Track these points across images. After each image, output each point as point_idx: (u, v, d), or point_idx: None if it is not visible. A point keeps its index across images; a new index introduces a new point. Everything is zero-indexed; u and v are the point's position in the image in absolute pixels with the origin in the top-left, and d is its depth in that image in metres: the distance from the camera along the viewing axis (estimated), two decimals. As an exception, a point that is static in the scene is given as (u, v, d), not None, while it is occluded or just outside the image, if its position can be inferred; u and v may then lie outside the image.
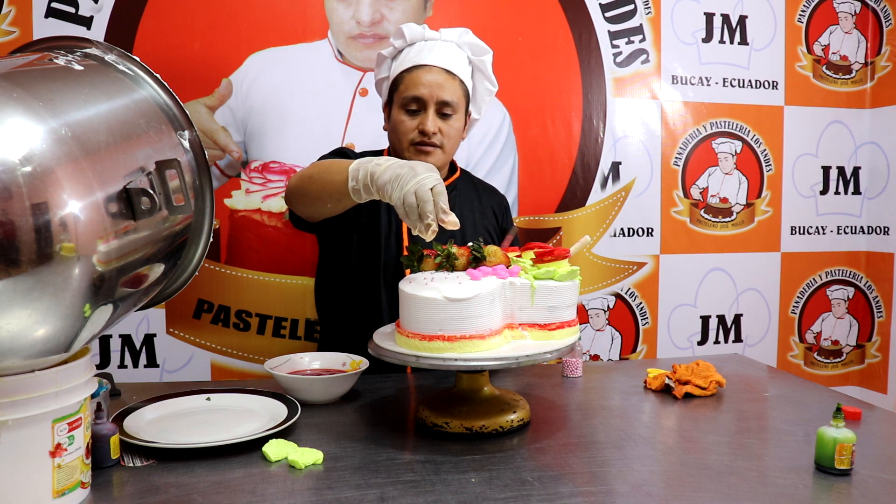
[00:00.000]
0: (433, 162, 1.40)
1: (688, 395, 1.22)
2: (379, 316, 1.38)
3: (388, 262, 1.40)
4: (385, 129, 1.49)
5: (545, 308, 1.02)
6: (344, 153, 1.45)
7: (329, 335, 1.49)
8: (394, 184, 1.02)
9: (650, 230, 2.13)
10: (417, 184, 1.00)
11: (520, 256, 1.09)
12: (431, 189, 1.00)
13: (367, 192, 1.08)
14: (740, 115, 2.17)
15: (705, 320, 2.20)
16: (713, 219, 2.18)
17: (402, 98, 1.39)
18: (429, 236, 1.01)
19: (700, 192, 2.17)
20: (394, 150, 1.46)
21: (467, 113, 1.47)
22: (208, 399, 1.14)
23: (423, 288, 0.97)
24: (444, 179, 1.47)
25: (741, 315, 2.23)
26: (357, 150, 1.92)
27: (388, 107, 1.46)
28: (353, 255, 1.41)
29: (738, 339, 2.23)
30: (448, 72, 1.39)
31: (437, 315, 0.95)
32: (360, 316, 1.40)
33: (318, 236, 1.50)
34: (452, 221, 1.00)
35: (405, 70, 1.39)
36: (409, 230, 1.42)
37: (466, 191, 1.53)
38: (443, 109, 1.39)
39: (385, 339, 1.05)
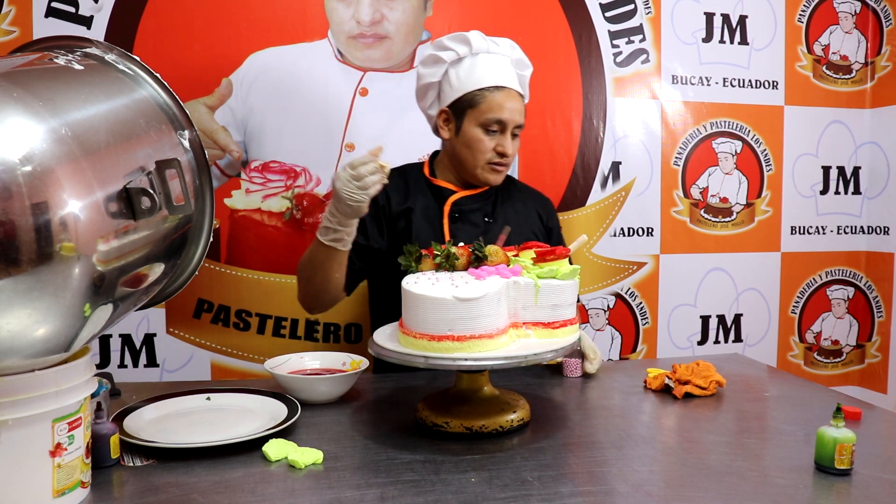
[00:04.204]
0: (500, 178, 1.47)
1: (688, 395, 1.22)
2: None
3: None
4: (443, 137, 1.49)
5: (549, 306, 1.02)
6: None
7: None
8: (336, 195, 1.20)
9: (650, 230, 2.13)
10: (340, 169, 1.19)
11: (517, 256, 1.09)
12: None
13: (335, 222, 1.22)
14: (740, 114, 2.17)
15: (705, 320, 2.20)
16: (713, 219, 2.18)
17: (484, 118, 1.41)
18: (384, 175, 1.20)
19: (700, 192, 2.17)
20: (460, 164, 1.47)
21: None
22: (208, 399, 1.15)
23: (430, 288, 0.97)
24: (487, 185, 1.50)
25: (741, 315, 2.23)
26: (357, 148, 1.92)
27: (453, 117, 1.46)
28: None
29: (738, 338, 2.23)
30: (520, 94, 1.45)
31: (446, 315, 0.95)
32: None
33: (371, 274, 1.53)
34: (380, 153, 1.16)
35: (485, 88, 1.41)
36: (450, 226, 1.44)
37: (510, 195, 1.55)
38: (515, 131, 1.45)
39: (388, 339, 1.05)
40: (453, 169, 1.51)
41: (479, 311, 0.95)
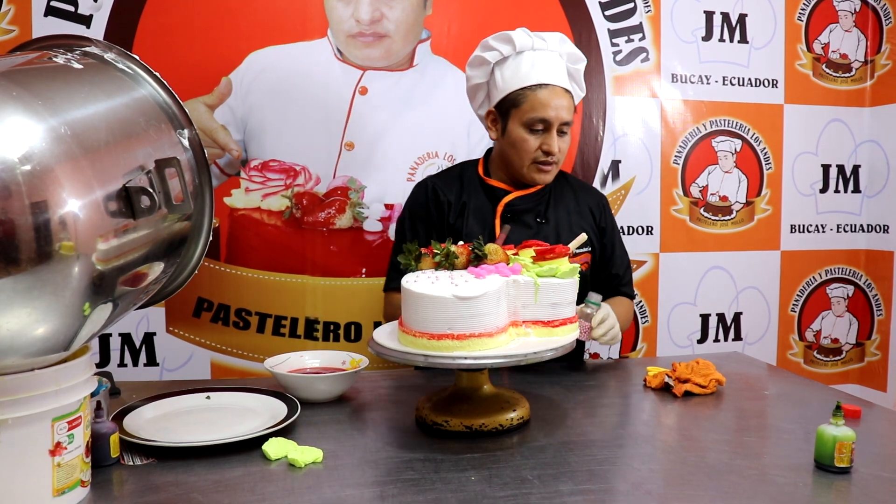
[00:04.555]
0: (549, 178, 1.46)
1: (687, 394, 1.22)
2: None
3: None
4: (493, 138, 1.50)
5: (548, 305, 1.03)
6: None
7: None
8: None
9: (650, 228, 2.13)
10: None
11: (517, 254, 1.09)
12: None
13: None
14: (740, 113, 2.17)
15: (705, 318, 2.20)
16: (713, 217, 2.18)
17: (527, 117, 1.40)
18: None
19: (700, 191, 2.17)
20: (508, 164, 1.47)
21: None
22: (208, 398, 1.15)
23: (430, 286, 0.97)
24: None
25: (741, 313, 2.23)
26: (357, 147, 1.92)
27: (499, 117, 1.46)
28: None
29: (737, 337, 2.23)
30: (564, 89, 1.42)
31: (446, 314, 0.95)
32: None
33: None
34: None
35: (527, 87, 1.40)
36: (502, 227, 1.43)
37: (562, 192, 1.54)
38: (562, 128, 1.42)
39: (387, 338, 1.05)
40: (504, 168, 1.50)
41: (478, 310, 0.95)
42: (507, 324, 1.01)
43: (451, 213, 1.48)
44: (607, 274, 1.54)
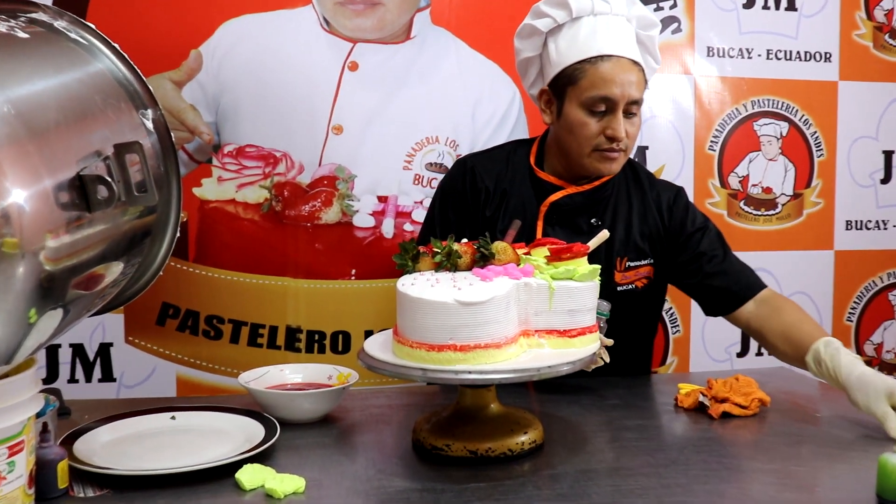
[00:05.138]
0: (616, 167, 1.39)
1: (726, 415, 1.21)
2: None
3: None
4: (547, 122, 1.45)
5: (564, 312, 1.02)
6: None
7: None
8: None
9: (683, 225, 2.12)
10: None
11: (528, 254, 1.08)
12: None
13: None
14: (787, 92, 2.17)
15: (746, 329, 2.20)
16: (755, 212, 2.18)
17: (587, 96, 1.34)
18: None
19: (739, 182, 2.16)
20: (566, 153, 1.41)
21: None
22: (173, 418, 1.14)
23: (429, 290, 0.97)
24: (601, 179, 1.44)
25: (787, 323, 2.22)
26: (346, 131, 1.92)
27: (553, 97, 1.41)
28: None
29: (783, 350, 2.23)
30: (633, 62, 1.35)
31: (447, 322, 0.95)
32: None
33: None
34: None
35: (586, 60, 1.34)
36: (545, 230, 1.40)
37: (627, 188, 1.47)
38: (630, 109, 1.36)
39: (380, 349, 1.05)
40: (561, 158, 1.44)
41: (484, 317, 0.95)
42: (518, 333, 1.01)
43: (489, 204, 1.45)
44: (711, 289, 1.43)
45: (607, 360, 1.25)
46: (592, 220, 1.43)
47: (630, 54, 1.36)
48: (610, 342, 1.24)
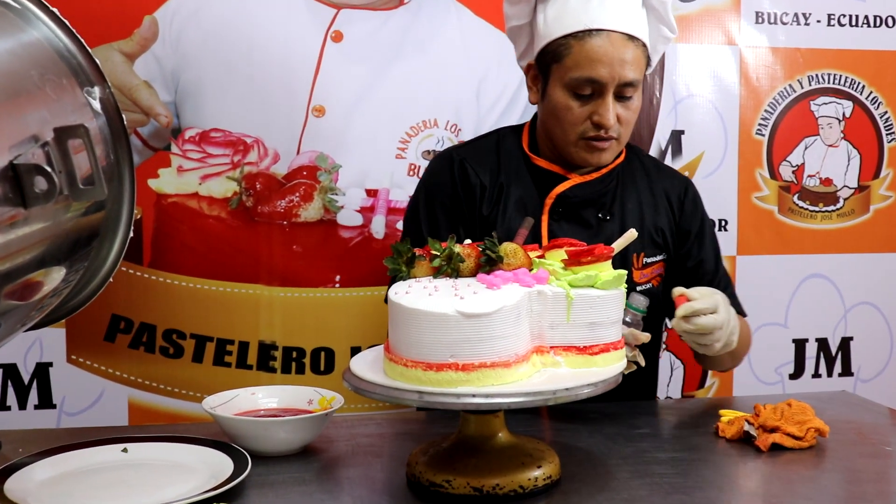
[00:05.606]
0: (607, 158, 1.42)
1: (776, 447, 1.21)
2: None
3: None
4: (532, 101, 1.49)
5: (585, 325, 1.02)
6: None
7: None
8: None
9: (723, 223, 2.13)
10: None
11: (543, 257, 1.09)
12: None
13: None
14: (851, 65, 2.17)
15: (800, 345, 2.20)
16: (811, 208, 2.18)
17: (570, 78, 1.36)
18: None
19: (793, 172, 2.17)
20: (551, 136, 1.45)
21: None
22: (125, 451, 1.14)
23: (426, 299, 0.97)
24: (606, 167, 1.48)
25: (850, 339, 2.22)
26: (328, 112, 1.93)
27: (539, 74, 1.45)
28: None
29: (846, 371, 2.23)
30: (629, 37, 1.36)
31: (448, 336, 0.95)
32: None
33: None
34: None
35: (570, 35, 1.36)
36: (551, 226, 1.43)
37: (632, 177, 1.51)
38: (623, 92, 1.38)
39: (369, 368, 1.05)
40: (550, 144, 1.48)
41: (491, 332, 0.95)
42: (530, 350, 1.01)
43: (485, 201, 1.47)
44: None
45: (643, 363, 1.26)
46: (600, 214, 1.47)
47: (626, 28, 1.37)
48: (647, 337, 1.24)
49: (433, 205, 1.49)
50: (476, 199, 1.47)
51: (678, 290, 1.25)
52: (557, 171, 1.47)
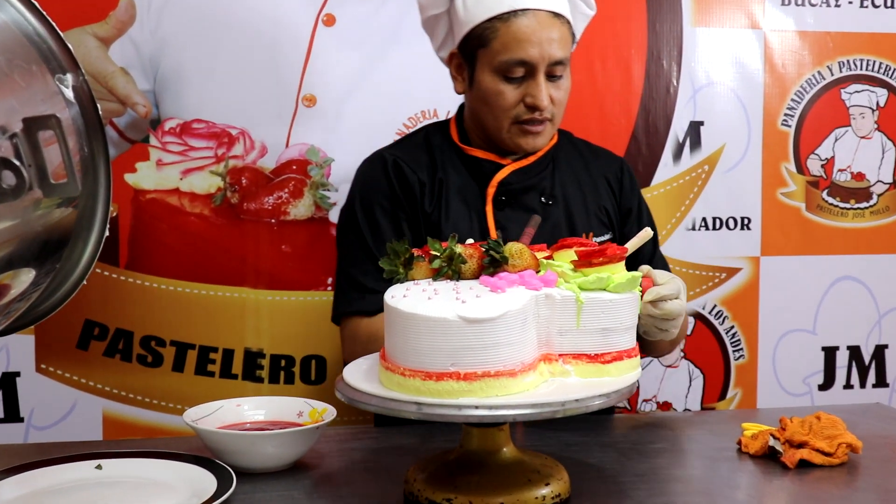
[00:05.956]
0: (542, 141, 1.49)
1: (804, 464, 1.21)
2: None
3: None
4: (459, 91, 1.54)
5: (596, 331, 1.02)
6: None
7: None
8: None
9: (746, 221, 2.13)
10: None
11: (551, 258, 1.09)
12: None
13: None
14: (885, 49, 2.17)
15: (830, 353, 2.20)
16: (842, 204, 2.18)
17: (500, 61, 1.42)
18: None
19: (822, 166, 2.17)
20: (482, 124, 1.51)
21: None
22: (99, 468, 1.14)
23: (425, 303, 0.97)
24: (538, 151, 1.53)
25: (885, 346, 2.22)
26: (320, 102, 1.93)
27: (463, 62, 1.50)
28: None
29: (880, 381, 2.23)
30: (554, 14, 1.43)
31: (449, 343, 0.95)
32: None
33: None
34: None
35: (495, 18, 1.41)
36: (496, 215, 1.46)
37: (568, 160, 1.57)
38: (554, 71, 1.44)
39: (364, 378, 1.05)
40: (481, 132, 1.53)
41: (495, 338, 0.95)
42: (537, 358, 1.01)
43: (425, 199, 1.50)
44: None
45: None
46: (542, 199, 1.52)
47: (550, 6, 1.42)
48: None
49: (372, 210, 1.52)
50: (417, 198, 1.50)
51: (644, 269, 1.27)
52: (492, 159, 1.52)
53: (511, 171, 1.51)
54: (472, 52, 1.46)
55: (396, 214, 1.50)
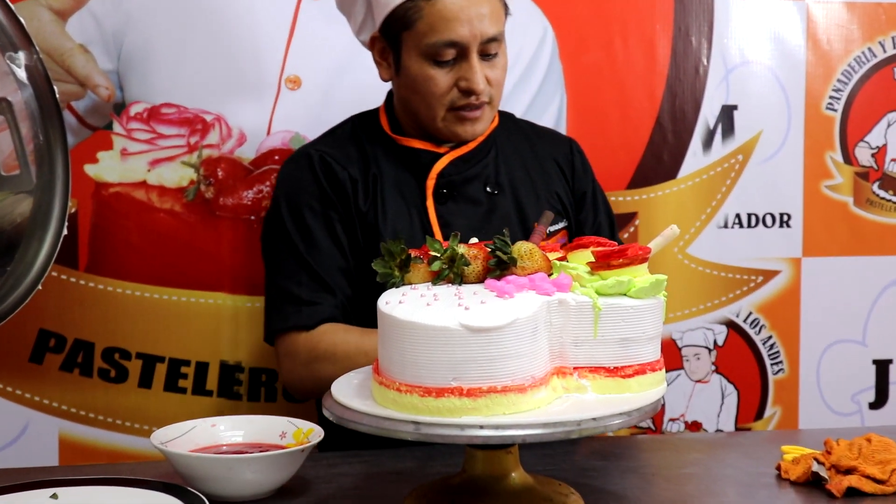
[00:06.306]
0: (482, 126, 1.51)
1: (853, 492, 1.21)
2: None
3: None
4: (385, 78, 1.57)
5: (616, 341, 1.03)
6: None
7: None
8: None
9: (785, 218, 2.13)
10: None
11: (565, 259, 1.09)
12: None
13: None
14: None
15: (882, 367, 2.20)
16: (895, 198, 2.18)
17: (427, 44, 1.44)
18: None
19: (872, 155, 2.17)
20: (415, 114, 1.53)
21: None
22: (54, 497, 1.14)
23: (425, 311, 0.98)
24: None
25: (943, 360, 2.22)
26: (305, 84, 1.93)
27: (387, 47, 1.52)
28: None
29: (938, 399, 2.23)
30: None
31: (450, 355, 0.95)
32: None
33: None
34: None
35: None
36: (438, 210, 1.49)
37: (513, 145, 1.59)
38: (487, 49, 1.46)
39: (355, 394, 1.05)
40: (413, 120, 1.56)
41: (502, 350, 0.95)
42: (550, 372, 1.01)
43: (359, 196, 1.52)
44: None
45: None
46: (488, 188, 1.54)
47: None
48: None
49: (301, 213, 1.53)
50: (349, 196, 1.52)
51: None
52: (429, 149, 1.54)
53: (450, 160, 1.53)
54: (395, 36, 1.48)
55: (328, 216, 1.52)
